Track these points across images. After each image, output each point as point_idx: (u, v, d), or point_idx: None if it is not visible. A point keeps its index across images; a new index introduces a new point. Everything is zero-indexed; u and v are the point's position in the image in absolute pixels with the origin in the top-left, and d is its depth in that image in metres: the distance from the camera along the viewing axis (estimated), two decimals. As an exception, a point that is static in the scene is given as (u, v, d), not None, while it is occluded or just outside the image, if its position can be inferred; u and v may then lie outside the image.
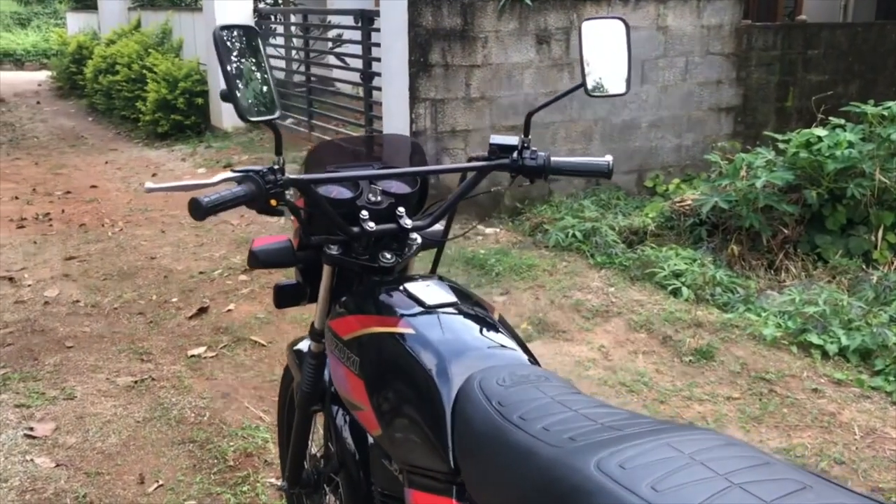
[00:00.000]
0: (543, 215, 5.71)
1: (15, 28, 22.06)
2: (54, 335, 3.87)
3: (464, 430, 1.24)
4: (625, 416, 1.16)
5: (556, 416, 1.15)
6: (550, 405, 1.18)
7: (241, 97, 1.38)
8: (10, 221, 5.91)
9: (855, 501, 0.87)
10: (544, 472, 1.03)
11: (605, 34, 1.69)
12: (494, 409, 1.20)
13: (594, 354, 3.66)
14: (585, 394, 1.29)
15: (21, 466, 2.75)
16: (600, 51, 1.70)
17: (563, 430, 1.10)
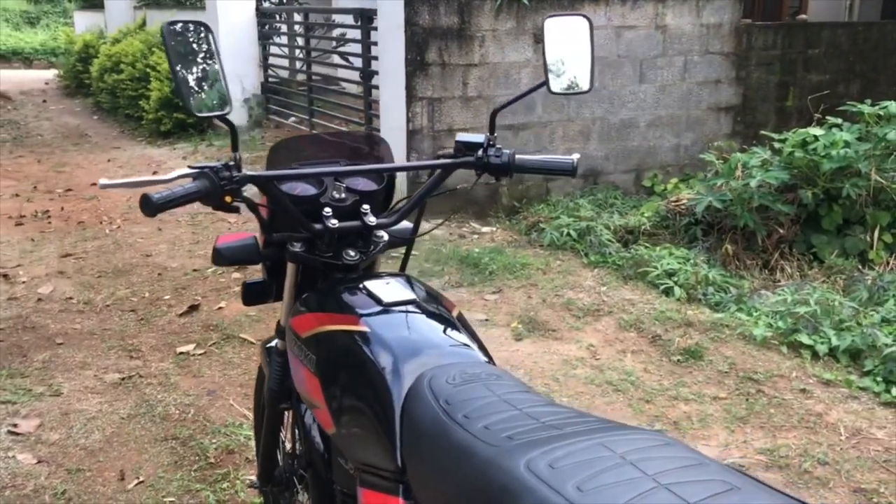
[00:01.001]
0: (540, 214, 5.70)
1: (24, 27, 22.16)
2: (45, 332, 3.88)
3: (411, 428, 1.24)
4: (569, 416, 1.15)
5: (499, 415, 1.14)
6: (496, 404, 1.18)
7: (191, 93, 1.38)
8: (9, 218, 5.93)
9: (779, 502, 0.86)
10: (479, 472, 1.03)
11: (569, 32, 1.68)
12: (441, 407, 1.20)
13: (582, 353, 3.65)
14: (537, 392, 1.29)
15: (2, 463, 2.76)
16: (564, 48, 1.69)
17: (503, 429, 1.10)
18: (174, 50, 1.36)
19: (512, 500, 0.93)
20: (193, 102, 1.39)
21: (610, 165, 6.37)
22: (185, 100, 1.37)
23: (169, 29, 1.37)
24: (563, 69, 1.72)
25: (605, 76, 6.16)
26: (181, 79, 1.36)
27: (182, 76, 1.36)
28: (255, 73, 8.87)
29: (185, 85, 1.36)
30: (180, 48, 1.40)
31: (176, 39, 1.38)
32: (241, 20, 8.76)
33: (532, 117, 6.01)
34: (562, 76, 1.73)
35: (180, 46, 1.39)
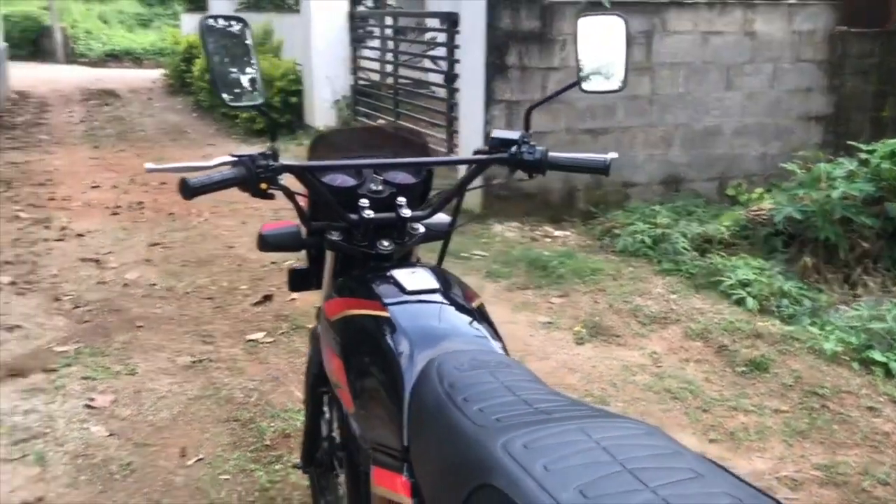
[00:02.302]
0: (616, 220, 5.65)
1: (137, 28, 23.28)
2: (128, 315, 4.10)
3: (416, 410, 1.29)
4: (564, 404, 1.18)
5: (495, 400, 1.18)
6: (497, 390, 1.21)
7: (226, 84, 1.46)
8: (106, 208, 6.26)
9: (742, 493, 0.87)
10: (463, 450, 1.07)
11: (604, 31, 1.69)
12: (444, 390, 1.24)
13: (644, 360, 3.62)
14: (543, 383, 1.32)
15: (78, 433, 2.94)
16: (598, 47, 1.70)
17: (495, 412, 1.13)
18: (212, 43, 1.44)
19: (485, 475, 0.97)
20: (227, 94, 1.47)
21: (692, 173, 6.26)
22: (219, 91, 1.45)
23: (207, 23, 1.46)
24: (596, 68, 1.73)
25: (690, 82, 6.07)
26: (217, 71, 1.44)
27: (218, 69, 1.45)
28: (345, 75, 9.08)
29: (221, 77, 1.45)
30: (218, 42, 1.48)
31: (214, 33, 1.47)
32: (333, 24, 8.98)
33: (612, 122, 5.97)
34: (595, 75, 1.74)
35: (218, 40, 1.48)
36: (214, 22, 1.48)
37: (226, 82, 1.47)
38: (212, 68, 1.44)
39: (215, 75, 1.44)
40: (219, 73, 1.45)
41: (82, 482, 2.65)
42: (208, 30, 1.46)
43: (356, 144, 1.85)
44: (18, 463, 2.75)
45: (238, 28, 1.51)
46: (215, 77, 1.44)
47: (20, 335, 3.81)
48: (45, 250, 5.16)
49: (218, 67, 1.45)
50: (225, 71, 1.48)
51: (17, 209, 6.19)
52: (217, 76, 1.44)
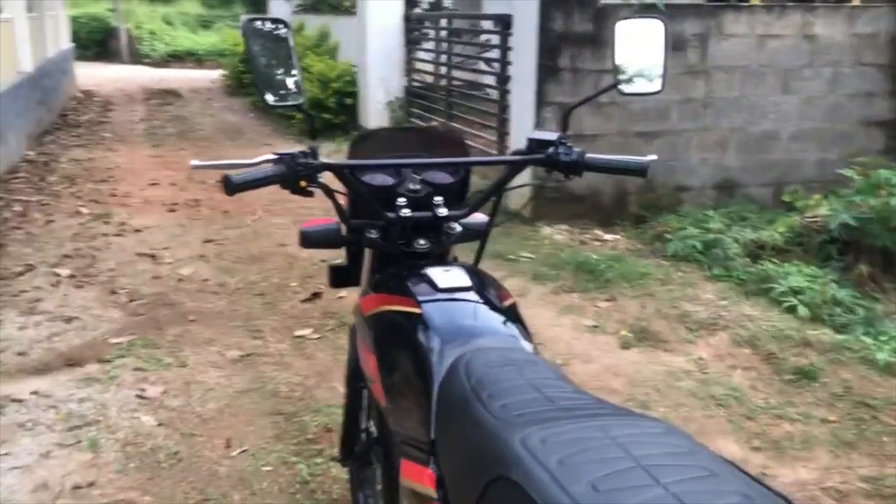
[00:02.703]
0: (668, 224, 5.59)
1: (199, 29, 23.79)
2: (181, 309, 4.20)
3: (443, 404, 1.31)
4: (587, 401, 1.19)
5: (519, 396, 1.19)
6: (521, 387, 1.23)
7: (267, 85, 1.50)
8: (164, 205, 6.43)
9: (754, 491, 0.87)
10: (483, 443, 1.08)
11: (643, 34, 1.69)
12: (471, 386, 1.26)
13: (689, 366, 3.58)
14: (570, 381, 1.32)
15: (128, 422, 3.03)
16: (637, 50, 1.70)
17: (517, 408, 1.15)
18: (254, 45, 1.49)
19: (502, 468, 0.99)
20: (269, 94, 1.52)
21: (747, 178, 6.16)
22: (261, 91, 1.50)
23: (249, 25, 1.50)
24: (635, 71, 1.73)
25: (746, 86, 5.97)
26: (260, 72, 1.48)
27: (260, 69, 1.49)
28: (398, 77, 9.15)
29: (264, 77, 1.49)
30: (260, 43, 1.53)
31: (256, 35, 1.51)
32: (388, 26, 9.06)
33: (665, 125, 5.91)
34: (634, 78, 1.74)
35: (260, 41, 1.52)
36: (257, 24, 1.52)
37: (268, 83, 1.51)
38: (254, 69, 1.48)
39: (258, 76, 1.48)
40: (261, 73, 1.49)
41: (131, 469, 2.73)
42: (251, 31, 1.50)
43: (396, 144, 1.88)
44: (73, 448, 2.85)
45: (280, 30, 1.56)
46: (258, 77, 1.48)
47: (78, 326, 3.94)
48: (104, 245, 5.32)
49: (260, 68, 1.49)
50: (267, 72, 1.52)
51: (80, 204, 6.40)
52: (259, 77, 1.48)
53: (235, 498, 2.58)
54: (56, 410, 3.10)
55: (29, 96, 8.90)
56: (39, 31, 10.63)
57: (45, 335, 3.81)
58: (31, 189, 6.92)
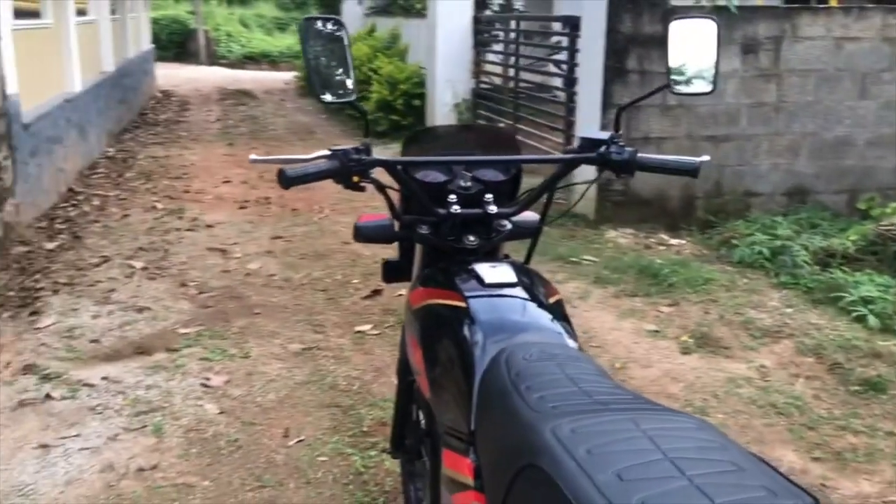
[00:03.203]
0: (736, 230, 5.49)
1: (275, 31, 24.30)
2: (247, 302, 4.32)
3: (483, 395, 1.33)
4: (624, 396, 1.19)
5: (557, 389, 1.21)
6: (560, 380, 1.24)
7: (322, 82, 1.55)
8: (235, 202, 6.60)
9: (779, 486, 0.87)
10: (516, 433, 1.10)
11: (695, 34, 1.68)
12: (510, 378, 1.28)
13: (751, 374, 3.52)
14: (610, 378, 1.33)
15: (192, 409, 3.13)
16: (689, 50, 1.69)
17: (553, 400, 1.16)
18: (310, 43, 1.54)
19: (532, 456, 1.00)
20: (322, 90, 1.56)
21: (820, 184, 6.01)
22: (315, 88, 1.54)
23: (307, 23, 1.55)
24: (687, 70, 1.73)
25: (821, 90, 5.83)
26: (314, 68, 1.53)
27: (315, 66, 1.54)
28: (466, 79, 9.19)
29: (318, 74, 1.54)
30: (316, 41, 1.57)
31: (313, 33, 1.56)
32: (457, 28, 9.11)
33: (735, 129, 5.81)
34: (685, 78, 1.74)
35: (316, 39, 1.57)
36: (314, 24, 1.57)
37: (322, 80, 1.56)
38: (309, 66, 1.53)
39: (312, 73, 1.53)
40: (316, 70, 1.54)
41: (193, 454, 2.83)
42: (308, 30, 1.55)
43: (449, 142, 1.91)
44: (138, 433, 2.96)
45: (336, 29, 1.60)
46: (312, 74, 1.53)
47: (149, 316, 4.08)
48: (176, 239, 5.49)
49: (315, 65, 1.54)
50: (322, 69, 1.57)
51: (155, 200, 6.62)
52: (314, 73, 1.53)
53: (290, 486, 2.65)
54: (124, 396, 3.23)
55: (110, 95, 9.23)
56: (121, 32, 11.02)
57: (118, 324, 3.96)
58: (109, 184, 7.19)
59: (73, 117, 7.12)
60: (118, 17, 10.80)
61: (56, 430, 2.97)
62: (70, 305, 4.17)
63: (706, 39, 1.68)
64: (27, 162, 5.53)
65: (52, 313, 4.05)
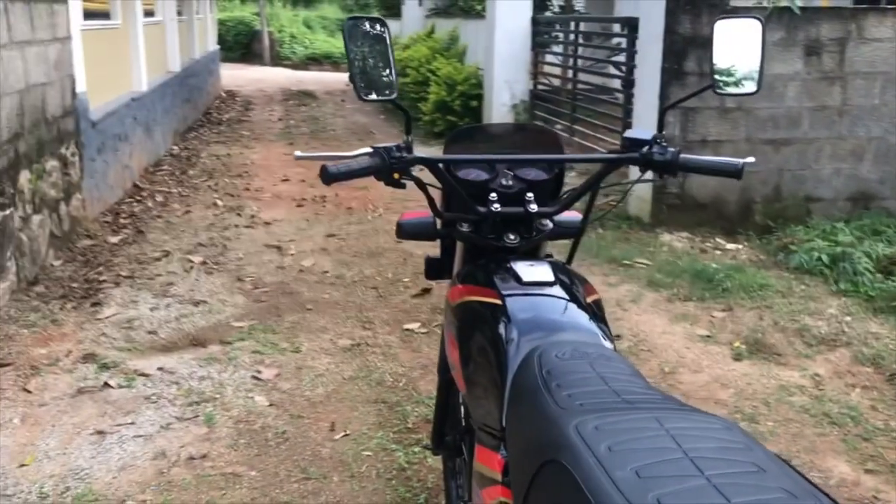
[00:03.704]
0: (795, 236, 5.37)
1: (337, 33, 24.59)
2: (299, 298, 4.39)
3: (515, 392, 1.34)
4: (653, 397, 1.19)
5: (586, 388, 1.21)
6: (590, 379, 1.24)
7: (363, 79, 1.58)
8: (293, 200, 6.71)
9: (799, 489, 0.86)
10: (542, 429, 1.11)
11: (740, 33, 1.66)
12: (541, 376, 1.28)
13: (804, 382, 3.45)
14: (642, 378, 1.32)
15: (243, 401, 3.21)
16: (734, 50, 1.68)
17: (581, 398, 1.16)
18: (353, 41, 1.57)
19: (554, 452, 1.01)
20: (364, 87, 1.59)
21: (885, 190, 5.84)
22: (356, 85, 1.57)
23: (350, 23, 1.58)
24: (732, 71, 1.71)
25: (887, 93, 5.67)
26: (357, 67, 1.56)
27: (357, 64, 1.57)
28: (524, 80, 9.17)
29: (360, 72, 1.57)
30: (359, 40, 1.60)
31: (356, 32, 1.59)
32: (516, 28, 9.10)
33: (796, 132, 5.68)
34: (731, 78, 1.72)
35: (359, 38, 1.60)
36: (358, 23, 1.60)
37: (364, 77, 1.59)
38: (352, 64, 1.56)
39: (355, 70, 1.56)
40: (358, 68, 1.57)
41: (241, 445, 2.89)
42: (352, 29, 1.58)
43: (492, 140, 1.92)
44: (190, 422, 3.04)
45: (379, 28, 1.63)
46: (354, 72, 1.56)
47: (204, 309, 4.19)
48: (235, 235, 5.61)
49: (358, 64, 1.57)
50: (364, 67, 1.60)
51: (216, 197, 6.77)
52: (356, 71, 1.56)
53: (335, 479, 2.69)
54: (178, 386, 3.32)
55: (175, 94, 9.47)
56: (188, 33, 11.29)
57: (175, 316, 4.07)
58: (172, 181, 7.38)
59: (139, 116, 7.33)
60: (184, 18, 11.07)
61: (112, 417, 3.07)
62: (130, 297, 4.30)
63: (751, 39, 1.66)
64: (94, 158, 5.71)
65: (113, 304, 4.18)
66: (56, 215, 4.84)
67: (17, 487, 2.59)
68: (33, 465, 2.72)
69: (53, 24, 4.90)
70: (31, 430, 2.96)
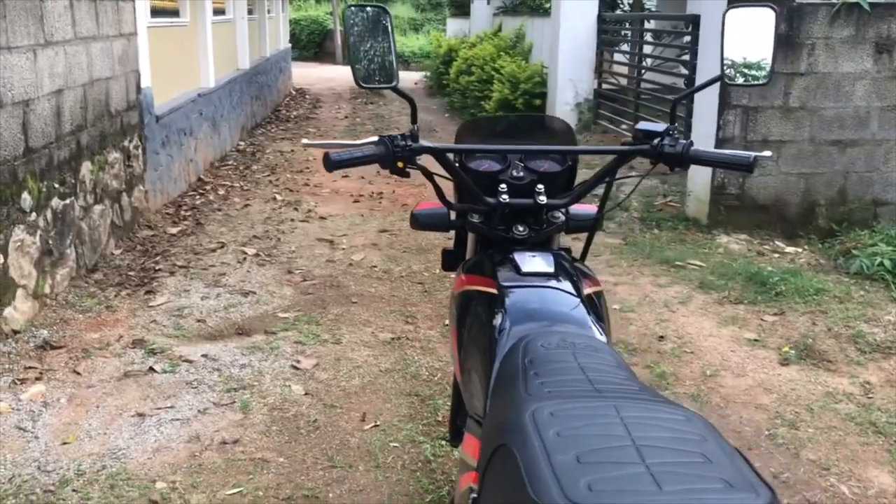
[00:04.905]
0: (858, 240, 5.18)
1: (410, 32, 24.79)
2: (346, 291, 4.45)
3: (497, 380, 1.34)
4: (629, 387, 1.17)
5: (562, 377, 1.20)
6: (569, 369, 1.23)
7: (363, 66, 1.59)
8: (350, 196, 6.80)
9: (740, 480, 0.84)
10: (504, 415, 1.11)
11: (752, 22, 1.62)
12: (523, 365, 1.28)
13: (853, 389, 3.33)
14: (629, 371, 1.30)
15: (279, 389, 3.26)
16: (746, 39, 1.63)
17: (552, 387, 1.15)
18: (354, 29, 1.58)
19: (506, 436, 1.01)
20: (363, 75, 1.60)
21: (959, 195, 5.59)
22: (355, 72, 1.59)
23: (351, 10, 1.59)
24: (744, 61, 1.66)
25: (964, 92, 5.42)
26: (356, 54, 1.58)
27: (357, 52, 1.58)
28: (589, 78, 9.09)
29: (360, 59, 1.58)
30: (359, 28, 1.61)
31: (356, 20, 1.61)
32: (582, 27, 9.02)
33: (864, 133, 5.49)
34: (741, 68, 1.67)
35: (360, 27, 1.61)
36: (360, 10, 1.61)
37: (364, 64, 1.61)
38: (351, 51, 1.58)
39: (354, 57, 1.58)
40: (358, 55, 1.58)
41: (273, 431, 2.95)
42: (353, 16, 1.60)
43: (504, 131, 1.91)
44: (227, 408, 3.11)
45: (380, 16, 1.64)
46: (354, 59, 1.58)
47: (253, 300, 4.27)
48: (289, 229, 5.72)
49: (358, 51, 1.58)
50: (365, 55, 1.61)
51: (276, 192, 6.91)
52: (355, 58, 1.58)
53: (360, 468, 2.72)
54: (219, 373, 3.40)
55: (244, 91, 9.69)
56: (258, 31, 11.54)
57: (223, 306, 4.17)
58: (236, 175, 7.56)
59: (205, 111, 7.53)
60: (255, 17, 11.31)
61: (154, 401, 3.16)
62: (183, 286, 4.42)
63: (764, 29, 1.61)
64: (158, 152, 5.89)
65: (166, 293, 4.30)
66: (118, 206, 5.01)
67: (57, 464, 2.70)
68: (74, 444, 2.83)
69: (119, 21, 5.07)
70: (77, 410, 3.07)
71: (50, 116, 4.03)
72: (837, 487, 2.65)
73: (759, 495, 0.82)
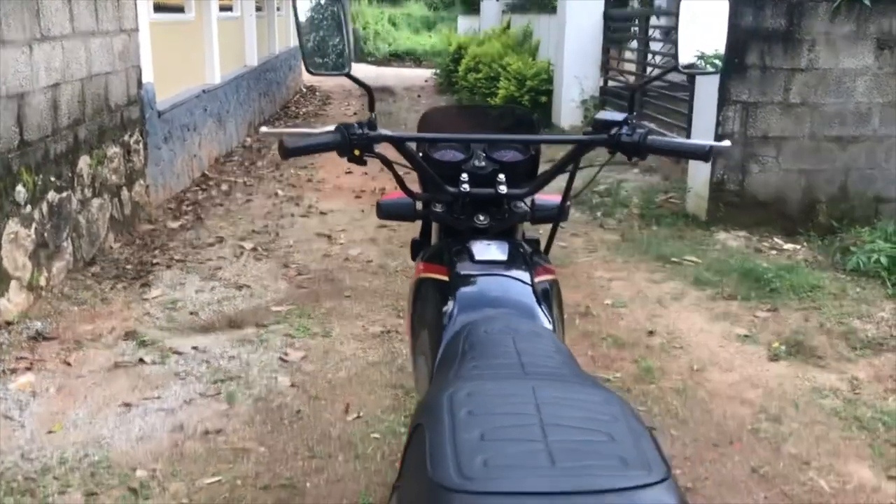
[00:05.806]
0: (858, 237, 5.14)
1: (422, 30, 24.81)
2: (340, 285, 4.47)
3: (438, 366, 1.35)
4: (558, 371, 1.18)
5: (495, 360, 1.21)
6: (506, 353, 1.24)
7: (313, 52, 1.60)
8: (352, 192, 6.82)
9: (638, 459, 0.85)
10: (429, 396, 1.12)
11: (707, 13, 1.62)
12: (463, 350, 1.29)
13: (840, 385, 3.32)
14: (569, 358, 1.30)
15: (266, 381, 3.29)
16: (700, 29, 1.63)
17: (482, 369, 1.16)
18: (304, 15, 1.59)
19: (423, 416, 1.02)
20: (313, 62, 1.62)
21: (961, 192, 5.54)
22: (305, 59, 1.60)
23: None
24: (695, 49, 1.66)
25: (968, 88, 5.37)
26: (307, 40, 1.59)
27: (308, 40, 1.59)
28: (594, 76, 9.07)
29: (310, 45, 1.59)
30: (311, 15, 1.63)
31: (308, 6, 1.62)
32: (587, 24, 9.01)
33: (866, 129, 5.45)
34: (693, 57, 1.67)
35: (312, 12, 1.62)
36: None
37: (314, 52, 1.62)
38: (301, 37, 1.59)
39: (305, 44, 1.59)
40: (309, 42, 1.60)
41: (257, 422, 2.97)
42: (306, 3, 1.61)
43: (466, 121, 1.92)
44: (212, 399, 3.14)
45: (332, 3, 1.65)
46: (305, 46, 1.59)
47: (247, 294, 4.30)
48: (289, 224, 5.75)
49: (308, 37, 1.59)
50: (314, 41, 1.62)
51: (278, 187, 6.94)
52: (305, 45, 1.59)
53: (339, 458, 2.74)
54: (208, 365, 3.43)
55: (251, 88, 9.73)
56: (267, 28, 11.58)
57: (217, 299, 4.20)
58: (240, 171, 7.60)
59: (210, 107, 7.57)
60: (263, 14, 11.35)
61: (141, 391, 3.19)
62: (178, 280, 4.46)
63: (717, 19, 1.62)
64: (160, 147, 5.94)
65: (161, 286, 4.34)
66: (117, 200, 5.05)
67: (41, 452, 2.73)
68: (60, 433, 2.86)
69: (120, 17, 5.11)
70: (65, 399, 3.11)
71: (46, 110, 4.07)
72: (816, 482, 2.64)
73: (651, 472, 0.82)
